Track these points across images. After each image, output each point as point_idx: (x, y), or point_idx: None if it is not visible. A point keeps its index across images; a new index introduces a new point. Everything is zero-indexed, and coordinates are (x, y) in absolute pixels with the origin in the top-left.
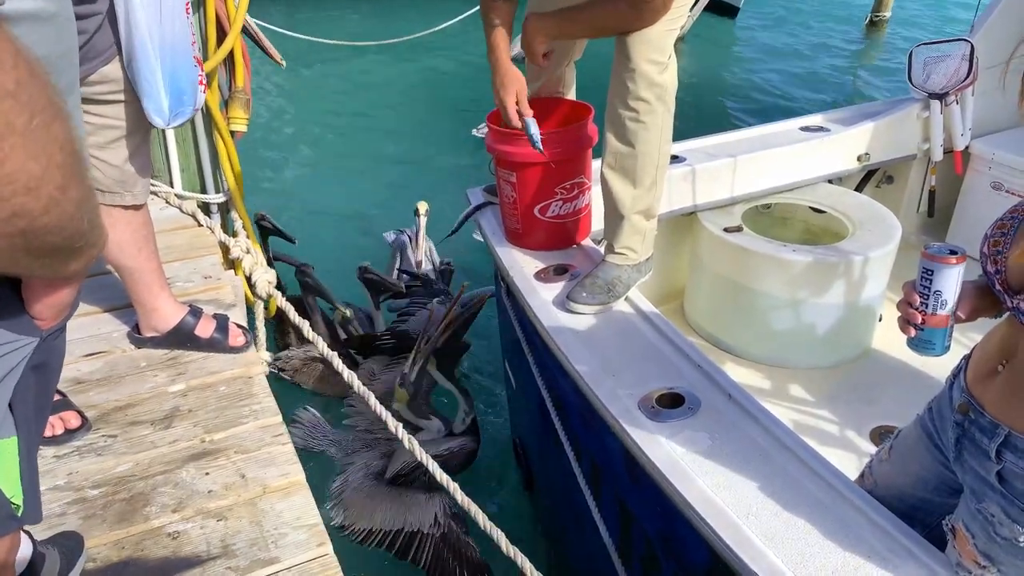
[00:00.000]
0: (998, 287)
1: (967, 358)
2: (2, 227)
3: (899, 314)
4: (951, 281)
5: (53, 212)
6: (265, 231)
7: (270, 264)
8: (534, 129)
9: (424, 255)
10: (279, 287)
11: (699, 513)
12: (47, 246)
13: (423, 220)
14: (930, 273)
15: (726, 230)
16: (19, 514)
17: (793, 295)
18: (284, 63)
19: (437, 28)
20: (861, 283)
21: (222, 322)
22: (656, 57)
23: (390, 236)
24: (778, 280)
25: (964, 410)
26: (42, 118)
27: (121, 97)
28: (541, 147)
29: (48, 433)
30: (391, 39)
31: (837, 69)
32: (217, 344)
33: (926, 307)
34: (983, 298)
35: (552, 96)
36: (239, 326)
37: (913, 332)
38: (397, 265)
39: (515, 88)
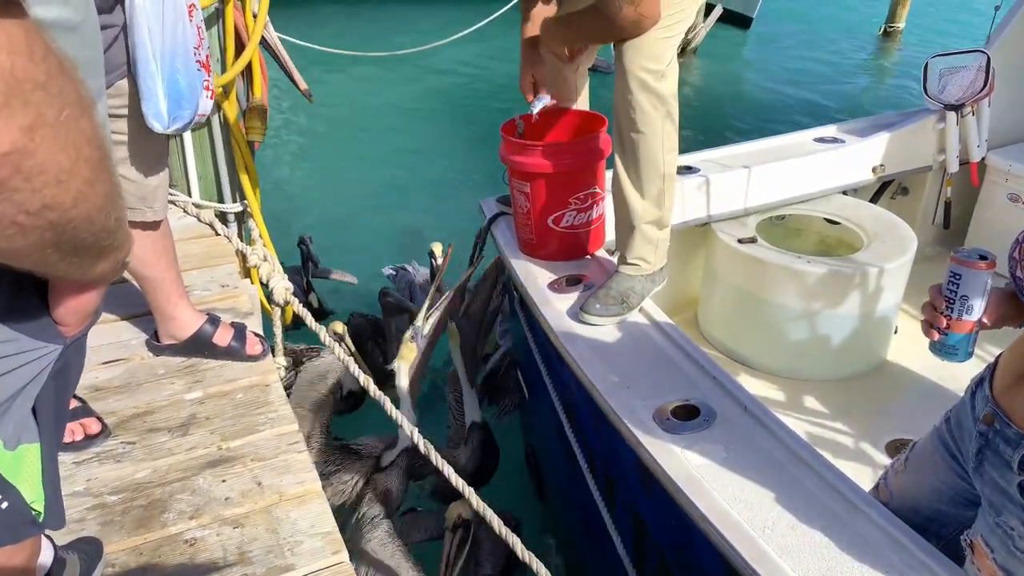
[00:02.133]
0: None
1: (992, 367)
2: (33, 219)
3: (923, 318)
4: (979, 286)
5: (82, 206)
6: (303, 255)
7: (309, 287)
8: (538, 105)
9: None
10: (320, 308)
11: (714, 526)
12: (76, 243)
13: (441, 262)
14: (958, 277)
15: (740, 241)
16: (40, 520)
17: (808, 307)
18: (313, 99)
19: (453, 38)
20: (876, 295)
21: (240, 330)
22: (651, 65)
23: (388, 271)
24: (792, 291)
25: (989, 420)
26: (71, 111)
27: (136, 111)
28: (535, 115)
29: (68, 439)
30: (408, 49)
31: (851, 80)
32: (235, 352)
33: (951, 312)
34: (1008, 305)
35: (563, 103)
36: (256, 335)
37: (936, 336)
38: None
39: (530, 71)
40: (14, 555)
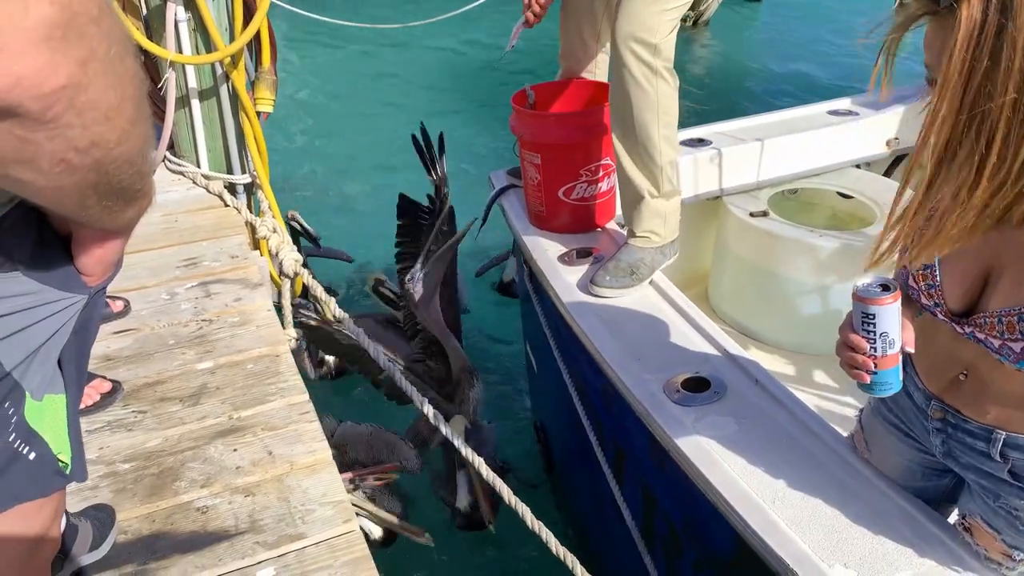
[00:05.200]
0: (942, 317)
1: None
2: (81, 157)
3: (842, 362)
4: (894, 319)
5: (125, 145)
6: (294, 232)
7: (304, 265)
8: (517, 28)
9: None
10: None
11: (724, 498)
12: (114, 184)
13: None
14: (872, 317)
15: (752, 215)
16: (67, 472)
17: (820, 281)
18: None
19: (463, 10)
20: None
21: None
22: (643, 37)
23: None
24: (804, 266)
25: (940, 416)
26: (118, 49)
27: None
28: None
29: (85, 404)
30: (417, 22)
31: (866, 52)
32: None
33: (875, 351)
34: (909, 309)
35: (583, 76)
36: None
37: (868, 379)
38: None
39: None
40: (40, 509)
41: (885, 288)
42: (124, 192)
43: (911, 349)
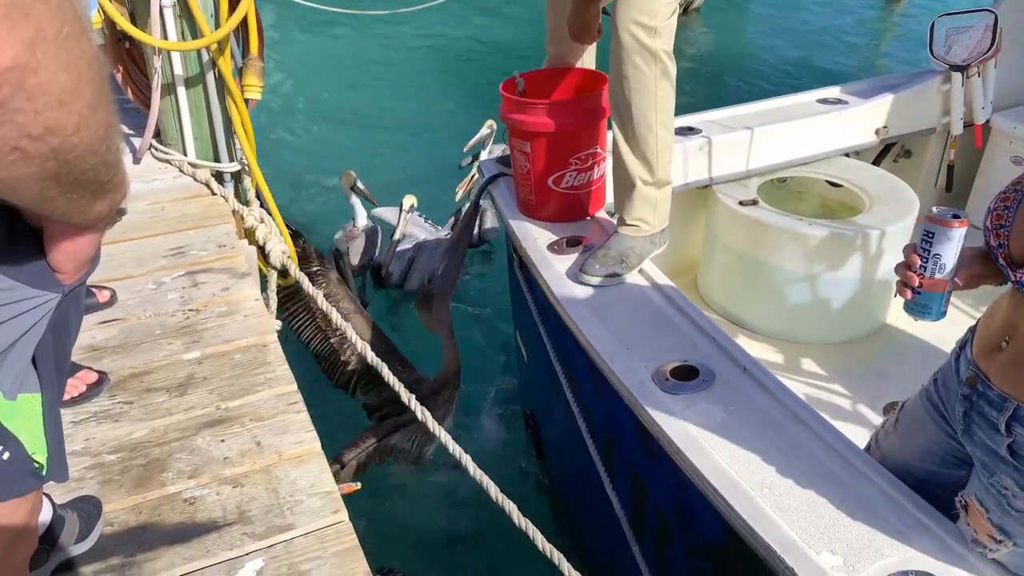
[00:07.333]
0: (1001, 261)
1: (972, 330)
2: (35, 145)
3: (897, 278)
4: (951, 245)
5: (84, 132)
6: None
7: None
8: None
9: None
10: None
11: (713, 485)
12: (77, 175)
13: (404, 216)
14: (930, 236)
15: (741, 203)
16: (43, 472)
17: (808, 269)
18: None
19: None
20: (877, 258)
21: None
22: (643, 20)
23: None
24: (793, 254)
25: (972, 381)
26: (71, 29)
27: None
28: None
29: (70, 395)
30: (407, 8)
31: (856, 40)
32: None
33: (925, 270)
34: (986, 265)
35: (570, 62)
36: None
37: (910, 295)
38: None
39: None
40: (16, 509)
41: (955, 216)
42: (90, 184)
43: (961, 283)
